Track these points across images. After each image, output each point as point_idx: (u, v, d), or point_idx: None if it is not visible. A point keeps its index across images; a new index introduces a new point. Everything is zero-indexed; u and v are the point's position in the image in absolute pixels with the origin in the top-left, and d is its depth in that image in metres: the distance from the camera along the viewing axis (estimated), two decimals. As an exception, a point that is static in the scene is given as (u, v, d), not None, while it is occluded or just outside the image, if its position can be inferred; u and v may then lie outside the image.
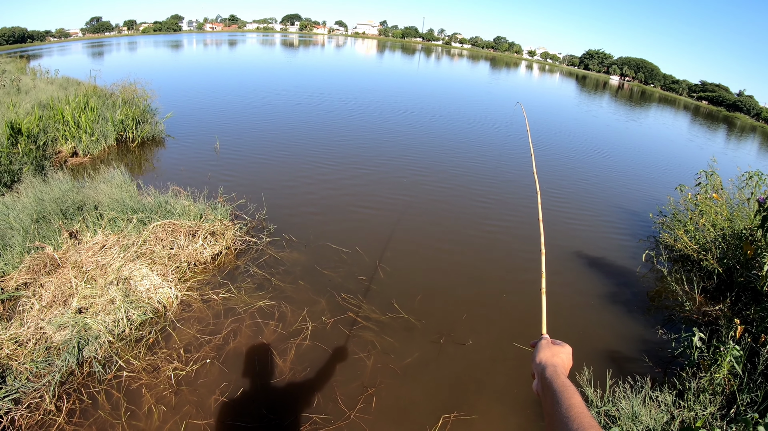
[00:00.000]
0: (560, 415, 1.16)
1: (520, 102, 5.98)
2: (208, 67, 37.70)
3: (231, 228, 6.98)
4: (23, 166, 8.62)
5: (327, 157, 12.06)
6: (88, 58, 45.88)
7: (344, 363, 4.86)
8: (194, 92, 21.73)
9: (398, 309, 5.78)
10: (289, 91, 23.83)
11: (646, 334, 5.93)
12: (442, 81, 41.70)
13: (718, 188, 8.33)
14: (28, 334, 4.51)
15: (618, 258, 8.02)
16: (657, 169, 16.04)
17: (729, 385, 4.49)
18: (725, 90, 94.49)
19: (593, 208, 10.53)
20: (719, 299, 6.67)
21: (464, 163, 12.88)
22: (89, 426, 3.85)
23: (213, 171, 10.12)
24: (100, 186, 7.26)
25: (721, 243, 7.33)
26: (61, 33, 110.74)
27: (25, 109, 11.33)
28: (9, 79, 16.46)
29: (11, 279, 5.31)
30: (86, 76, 15.68)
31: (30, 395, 3.98)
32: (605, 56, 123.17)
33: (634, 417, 4.01)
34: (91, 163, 10.26)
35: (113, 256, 5.65)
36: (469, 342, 5.36)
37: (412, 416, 4.31)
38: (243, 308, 5.50)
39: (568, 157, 15.63)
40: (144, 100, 13.34)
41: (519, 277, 7.05)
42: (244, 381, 4.49)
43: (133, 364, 4.51)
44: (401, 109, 21.28)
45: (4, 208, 6.36)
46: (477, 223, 8.85)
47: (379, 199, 9.53)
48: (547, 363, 1.41)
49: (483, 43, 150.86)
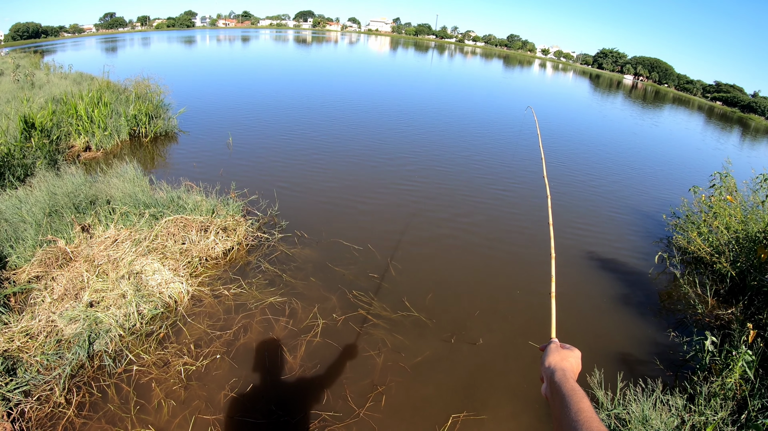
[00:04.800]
0: (569, 419, 1.16)
1: (531, 106, 5.94)
2: (222, 62, 37.83)
3: (243, 224, 6.99)
4: (36, 160, 8.68)
5: (339, 155, 12.08)
6: (101, 53, 46.27)
7: (354, 361, 4.86)
8: (207, 88, 21.83)
9: (409, 307, 5.77)
10: (302, 87, 23.88)
11: (658, 337, 5.88)
12: (455, 79, 41.56)
13: (732, 190, 8.25)
14: (39, 327, 4.54)
15: (630, 260, 7.96)
16: (670, 170, 15.89)
17: (740, 390, 4.44)
18: (740, 91, 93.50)
19: (606, 209, 10.45)
20: (732, 303, 6.60)
21: (477, 163, 12.83)
22: (98, 419, 3.87)
23: (225, 166, 10.16)
24: (113, 180, 7.30)
25: (734, 246, 7.25)
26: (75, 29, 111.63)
27: (38, 103, 11.43)
28: (23, 73, 16.57)
29: (23, 272, 5.35)
30: (100, 72, 15.82)
31: (40, 387, 4.00)
32: (619, 55, 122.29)
33: (644, 421, 3.98)
34: (104, 158, 10.33)
35: (125, 251, 5.67)
36: (480, 341, 5.34)
37: (422, 415, 4.30)
38: (254, 304, 5.52)
39: (581, 156, 15.51)
40: (157, 95, 13.39)
41: (532, 275, 7.01)
42: (254, 376, 4.50)
43: (144, 358, 4.53)
44: (414, 107, 21.22)
45: (17, 202, 6.40)
46: (490, 222, 8.81)
47: (392, 196, 9.51)
48: (556, 367, 1.41)
49: (496, 41, 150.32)
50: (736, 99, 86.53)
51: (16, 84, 15.12)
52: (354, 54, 64.61)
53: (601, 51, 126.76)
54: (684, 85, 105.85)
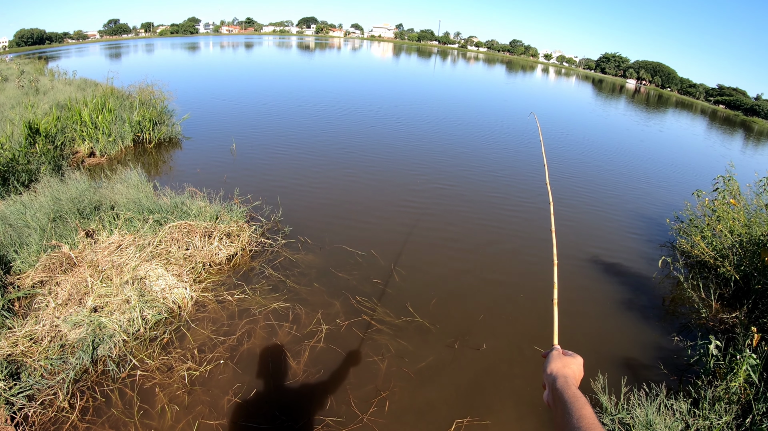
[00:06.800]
0: (571, 426, 1.17)
1: (534, 112, 5.94)
2: (225, 69, 37.99)
3: (246, 230, 7.00)
4: (41, 166, 8.72)
5: (343, 161, 12.10)
6: (105, 59, 46.54)
7: (358, 366, 4.86)
8: (211, 94, 21.91)
9: (413, 313, 5.77)
10: (306, 94, 23.95)
11: (662, 341, 5.86)
12: (458, 84, 41.65)
13: (735, 194, 8.23)
14: (43, 332, 4.56)
15: (634, 264, 7.94)
16: (674, 174, 15.86)
17: (745, 394, 4.42)
18: (743, 94, 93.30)
19: (609, 213, 10.44)
20: (736, 306, 6.58)
21: (480, 168, 12.83)
22: (102, 424, 3.87)
23: (229, 172, 10.18)
24: (117, 186, 7.32)
25: (738, 249, 7.23)
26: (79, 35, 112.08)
27: (43, 109, 11.48)
28: (28, 79, 16.67)
29: (27, 277, 5.37)
30: (104, 78, 15.85)
31: (44, 392, 4.02)
32: (621, 60, 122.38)
33: (648, 426, 3.97)
34: (108, 164, 10.37)
35: (129, 256, 5.69)
36: (484, 346, 5.34)
37: (426, 420, 4.29)
38: (257, 309, 5.52)
39: (584, 161, 15.53)
40: (161, 101, 13.42)
41: (536, 279, 6.99)
42: (257, 382, 4.50)
43: (147, 363, 4.54)
44: (417, 113, 21.29)
45: (21, 207, 6.44)
46: (493, 227, 8.80)
47: (395, 203, 9.52)
48: (558, 374, 1.41)
49: (499, 46, 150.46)
50: (739, 102, 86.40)
51: (20, 90, 15.20)
52: (357, 60, 64.77)
53: (604, 55, 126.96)
54: (687, 88, 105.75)
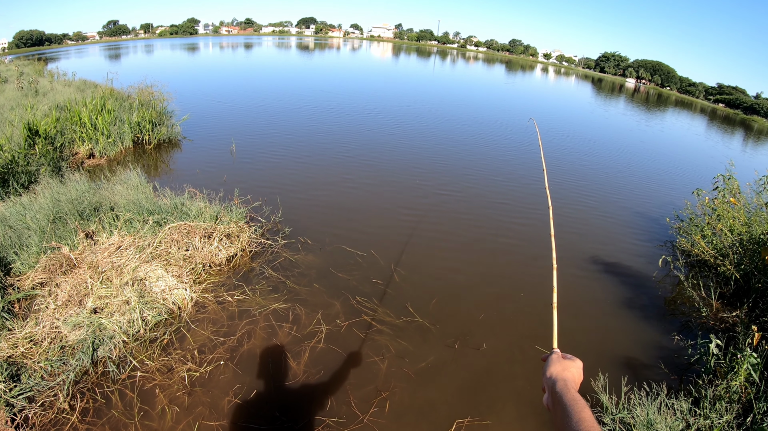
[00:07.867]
0: (570, 429, 1.18)
1: (533, 118, 5.94)
2: (225, 69, 37.99)
3: (246, 231, 7.00)
4: (40, 167, 8.72)
5: (343, 161, 12.10)
6: (105, 60, 46.50)
7: (358, 367, 4.86)
8: (211, 95, 21.87)
9: (413, 313, 5.77)
10: (306, 94, 23.95)
11: (662, 340, 5.86)
12: (458, 85, 41.64)
13: (735, 192, 8.23)
14: (43, 333, 4.55)
15: (634, 263, 7.94)
16: (674, 173, 15.87)
17: (745, 393, 4.42)
18: (742, 92, 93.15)
19: (609, 212, 10.44)
20: (736, 305, 6.57)
21: (480, 170, 12.83)
22: (102, 425, 3.87)
23: (229, 173, 10.18)
24: (117, 187, 7.32)
25: (738, 248, 7.22)
26: (78, 36, 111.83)
27: (42, 110, 11.46)
28: (27, 81, 16.66)
29: (27, 279, 5.37)
30: (103, 79, 15.84)
31: (44, 393, 4.02)
32: (621, 59, 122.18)
33: (649, 425, 3.96)
34: (108, 165, 10.37)
35: (129, 257, 5.69)
36: (485, 346, 5.33)
37: (426, 420, 4.29)
38: (257, 310, 5.52)
39: (584, 160, 15.52)
40: (160, 102, 13.40)
41: (536, 279, 6.98)
42: (257, 383, 4.50)
43: (147, 365, 4.54)
44: (417, 114, 21.26)
45: (21, 209, 6.43)
46: (493, 228, 8.81)
47: (395, 203, 9.52)
48: (557, 377, 1.43)
49: (498, 45, 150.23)
50: (738, 101, 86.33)
51: (20, 91, 15.19)
52: (357, 60, 64.71)
53: (603, 55, 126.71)
54: (686, 87, 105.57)
